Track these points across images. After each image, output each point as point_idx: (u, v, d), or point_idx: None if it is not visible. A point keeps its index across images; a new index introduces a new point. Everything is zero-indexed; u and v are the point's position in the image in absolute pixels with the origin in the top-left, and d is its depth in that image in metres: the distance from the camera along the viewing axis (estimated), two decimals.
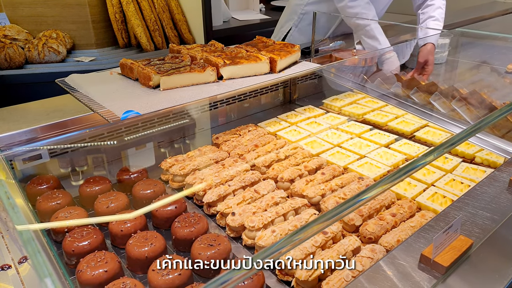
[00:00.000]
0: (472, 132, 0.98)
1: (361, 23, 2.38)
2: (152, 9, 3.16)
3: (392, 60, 2.42)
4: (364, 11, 2.38)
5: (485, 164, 1.72)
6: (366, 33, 2.38)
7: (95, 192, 1.48)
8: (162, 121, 1.87)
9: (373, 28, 2.36)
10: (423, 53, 2.40)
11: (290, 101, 2.45)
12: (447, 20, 2.67)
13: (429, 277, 0.98)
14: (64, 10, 3.00)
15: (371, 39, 2.38)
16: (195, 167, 1.64)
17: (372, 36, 2.37)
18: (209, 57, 1.86)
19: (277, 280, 1.20)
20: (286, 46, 2.08)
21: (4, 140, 1.44)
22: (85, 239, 1.23)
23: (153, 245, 1.21)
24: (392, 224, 1.35)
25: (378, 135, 1.97)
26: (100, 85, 1.80)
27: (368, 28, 2.36)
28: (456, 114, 1.90)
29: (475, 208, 1.22)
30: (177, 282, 1.09)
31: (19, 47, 2.72)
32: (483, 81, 2.32)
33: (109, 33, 3.21)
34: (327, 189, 1.51)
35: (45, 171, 1.60)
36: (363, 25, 2.37)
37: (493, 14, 3.75)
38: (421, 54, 2.40)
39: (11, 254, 1.14)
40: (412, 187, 1.56)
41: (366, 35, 2.38)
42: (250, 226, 1.31)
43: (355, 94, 2.42)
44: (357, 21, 2.39)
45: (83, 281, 1.11)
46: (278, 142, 1.85)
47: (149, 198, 1.46)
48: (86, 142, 1.63)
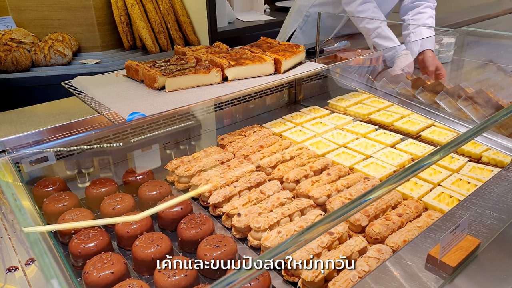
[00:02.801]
0: (478, 131, 0.97)
1: (371, 26, 2.37)
2: (157, 11, 3.17)
3: (407, 56, 2.39)
4: (373, 15, 2.37)
5: (492, 163, 1.71)
6: (378, 35, 2.36)
7: (101, 194, 1.49)
8: (168, 122, 1.87)
9: (385, 29, 2.35)
10: (430, 61, 2.35)
11: (295, 102, 2.45)
12: (452, 19, 2.66)
13: (436, 278, 0.98)
14: (70, 13, 3.02)
15: (385, 40, 2.36)
16: (201, 168, 1.64)
17: (385, 36, 2.36)
18: (214, 58, 1.87)
19: (283, 281, 1.20)
20: (290, 46, 2.08)
21: (11, 142, 1.44)
22: (91, 241, 1.23)
23: (159, 246, 1.21)
24: (399, 224, 1.34)
25: (384, 135, 1.96)
26: (105, 87, 1.81)
27: (380, 30, 2.35)
28: (462, 114, 1.89)
29: (482, 208, 1.21)
30: (183, 283, 1.09)
31: (25, 50, 2.74)
32: (489, 80, 2.30)
33: (115, 36, 3.22)
34: (333, 189, 1.50)
35: (51, 173, 1.60)
36: (374, 28, 2.35)
37: (499, 13, 3.73)
38: (428, 63, 2.35)
39: (18, 256, 1.15)
40: (419, 187, 1.55)
41: (379, 37, 2.36)
42: (256, 227, 1.31)
43: (360, 94, 2.42)
44: (367, 25, 2.38)
45: (90, 282, 1.11)
46: (283, 143, 1.84)
47: (155, 199, 1.47)
48: (92, 144, 1.64)
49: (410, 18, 2.53)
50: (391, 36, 2.36)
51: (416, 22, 2.49)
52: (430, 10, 2.51)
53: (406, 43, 2.45)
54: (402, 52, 2.39)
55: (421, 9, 2.51)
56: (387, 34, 2.36)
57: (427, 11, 2.50)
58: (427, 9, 2.50)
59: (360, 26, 2.42)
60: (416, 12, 2.52)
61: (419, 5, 2.52)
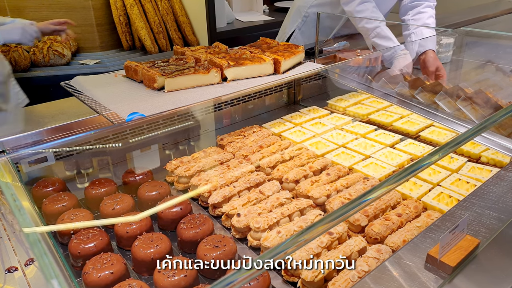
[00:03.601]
0: (477, 131, 0.97)
1: (370, 26, 2.36)
2: (156, 12, 3.17)
3: (405, 56, 2.39)
4: (372, 15, 2.36)
5: (491, 163, 1.71)
6: (377, 34, 2.36)
7: (101, 194, 1.48)
8: (167, 122, 1.87)
9: (384, 29, 2.35)
10: (431, 62, 2.34)
11: (295, 102, 2.45)
12: (451, 19, 2.66)
13: (436, 277, 0.98)
14: (69, 13, 3.02)
15: (384, 40, 2.36)
16: (200, 169, 1.64)
17: (384, 36, 2.35)
18: (213, 58, 1.87)
19: (283, 281, 1.20)
20: (290, 47, 2.08)
21: (10, 143, 1.44)
22: (91, 241, 1.23)
23: (159, 246, 1.21)
24: (398, 224, 1.34)
25: (383, 135, 1.96)
26: (105, 87, 1.81)
27: (379, 29, 2.34)
28: (462, 114, 1.89)
29: (481, 208, 1.21)
30: (182, 283, 1.09)
31: (24, 51, 2.74)
32: (488, 80, 2.31)
33: (114, 36, 3.22)
34: (332, 189, 1.51)
35: (50, 173, 1.60)
36: (373, 28, 2.35)
37: (498, 13, 3.73)
38: (429, 63, 2.35)
39: (18, 256, 1.14)
40: (418, 187, 1.56)
41: (378, 37, 2.36)
42: (256, 227, 1.31)
43: (360, 94, 2.42)
44: (366, 25, 2.37)
45: (89, 283, 1.11)
46: (282, 143, 1.84)
47: (154, 200, 1.47)
48: (91, 144, 1.64)
49: (410, 18, 2.52)
50: (390, 36, 2.36)
51: (417, 22, 2.48)
52: (430, 9, 2.51)
53: (407, 43, 2.44)
54: (401, 52, 2.39)
55: (421, 8, 2.50)
56: (386, 34, 2.35)
57: (427, 11, 2.49)
58: (427, 9, 2.50)
59: (359, 26, 2.42)
60: (416, 12, 2.51)
61: (419, 4, 2.51)
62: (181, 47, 2.11)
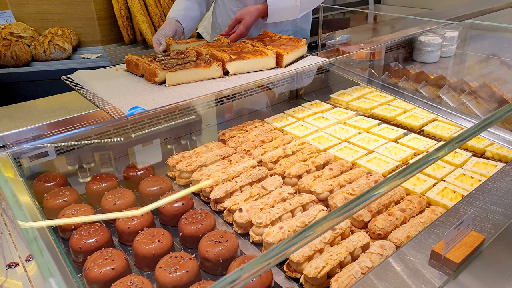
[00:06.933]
0: (484, 126, 0.95)
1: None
2: (157, 5, 3.15)
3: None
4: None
5: (496, 158, 1.69)
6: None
7: (102, 189, 1.48)
8: (168, 117, 1.86)
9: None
10: (243, 11, 2.11)
11: (297, 96, 2.44)
12: (455, 12, 2.62)
13: (440, 274, 0.97)
14: (70, 7, 3.00)
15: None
16: (202, 164, 1.63)
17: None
18: (215, 52, 1.85)
19: (285, 277, 1.19)
20: (292, 40, 2.06)
21: (10, 137, 1.44)
22: (92, 237, 1.23)
23: (160, 242, 1.21)
24: (402, 220, 1.33)
25: (387, 129, 1.95)
26: (105, 81, 1.79)
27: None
28: (466, 108, 1.87)
29: (486, 203, 1.20)
30: (184, 279, 1.09)
31: (25, 45, 2.72)
32: (493, 74, 2.28)
33: (115, 30, 3.21)
34: (335, 184, 1.49)
35: (51, 168, 1.59)
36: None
37: (503, 6, 3.69)
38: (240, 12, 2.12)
39: (19, 252, 1.14)
40: (422, 182, 1.54)
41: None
42: (258, 222, 1.30)
43: (363, 88, 2.40)
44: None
45: (91, 278, 1.10)
46: (285, 138, 1.83)
47: (156, 195, 1.46)
48: (92, 139, 1.63)
49: None
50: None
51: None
52: None
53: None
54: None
55: None
56: None
57: None
58: None
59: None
60: None
61: None
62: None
